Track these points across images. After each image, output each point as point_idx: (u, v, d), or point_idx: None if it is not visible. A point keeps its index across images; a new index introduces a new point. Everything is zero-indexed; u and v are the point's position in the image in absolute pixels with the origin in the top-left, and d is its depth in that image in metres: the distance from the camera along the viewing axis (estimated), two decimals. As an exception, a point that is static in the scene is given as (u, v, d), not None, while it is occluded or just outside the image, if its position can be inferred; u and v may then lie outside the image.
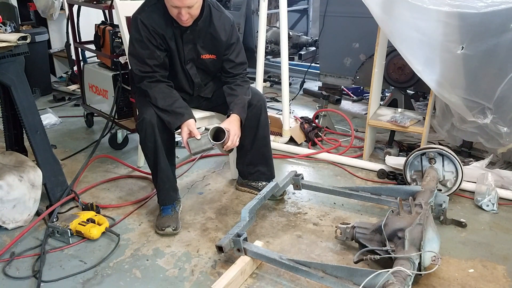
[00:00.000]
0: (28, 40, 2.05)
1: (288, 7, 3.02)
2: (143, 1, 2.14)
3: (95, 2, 3.07)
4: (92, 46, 3.24)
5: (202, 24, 2.10)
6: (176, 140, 2.47)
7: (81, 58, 3.55)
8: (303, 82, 4.45)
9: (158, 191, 2.19)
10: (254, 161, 2.41)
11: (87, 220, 2.11)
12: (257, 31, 3.39)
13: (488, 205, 2.32)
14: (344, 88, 4.46)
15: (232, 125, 2.06)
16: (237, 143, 2.10)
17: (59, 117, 3.68)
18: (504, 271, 1.87)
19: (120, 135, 3.08)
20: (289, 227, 2.20)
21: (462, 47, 2.29)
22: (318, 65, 4.26)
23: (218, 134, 2.02)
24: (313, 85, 4.70)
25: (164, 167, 2.12)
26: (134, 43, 2.07)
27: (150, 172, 2.23)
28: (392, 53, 3.12)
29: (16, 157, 2.29)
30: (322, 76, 4.20)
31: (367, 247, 1.81)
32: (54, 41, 4.74)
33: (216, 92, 2.34)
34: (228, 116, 2.11)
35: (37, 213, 2.24)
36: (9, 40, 2.00)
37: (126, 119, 3.09)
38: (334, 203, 2.41)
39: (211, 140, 1.98)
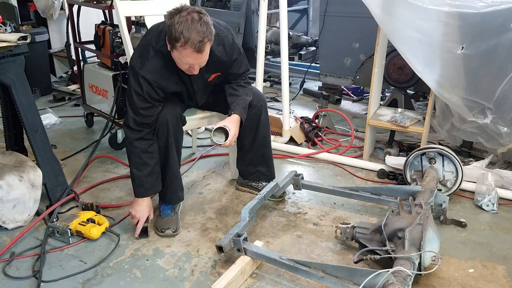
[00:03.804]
0: (28, 40, 2.05)
1: (288, 7, 3.02)
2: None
3: (95, 2, 3.07)
4: (92, 46, 3.24)
5: None
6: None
7: (81, 58, 3.55)
8: (303, 82, 4.45)
9: (166, 189, 2.17)
10: (254, 162, 2.41)
11: (87, 220, 2.11)
12: (257, 31, 3.39)
13: (488, 205, 2.32)
14: (344, 88, 4.46)
15: (232, 125, 2.06)
16: (233, 143, 2.12)
17: (59, 117, 3.68)
18: (504, 271, 1.87)
19: (120, 135, 3.08)
20: (289, 227, 2.20)
21: (462, 47, 2.29)
22: (318, 65, 4.26)
23: (219, 130, 2.06)
24: (313, 85, 4.70)
25: (174, 165, 2.11)
26: (133, 95, 1.98)
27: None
28: (392, 53, 3.12)
29: (16, 157, 2.29)
30: (322, 76, 4.20)
31: (367, 247, 1.81)
32: (54, 41, 4.73)
33: (216, 96, 2.33)
34: (229, 115, 2.11)
35: (37, 213, 2.24)
36: (9, 40, 2.00)
37: (126, 119, 3.09)
38: (334, 203, 2.41)
39: (213, 138, 2.02)
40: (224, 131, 2.05)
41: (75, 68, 3.82)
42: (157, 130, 2.05)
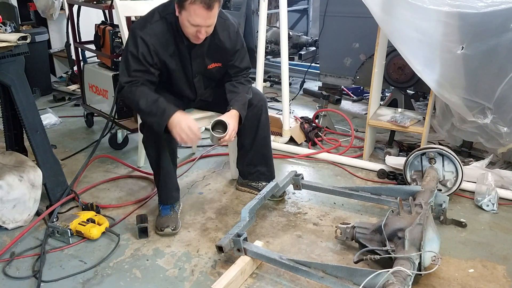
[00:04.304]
0: (28, 40, 2.05)
1: (288, 7, 3.02)
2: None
3: (95, 2, 3.07)
4: (92, 46, 3.24)
5: (209, 36, 2.05)
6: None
7: (81, 58, 3.55)
8: (303, 82, 4.45)
9: (160, 190, 2.19)
10: (254, 161, 2.41)
11: (87, 220, 2.11)
12: (257, 31, 3.39)
13: (488, 205, 2.32)
14: (344, 88, 4.46)
15: (231, 119, 2.06)
16: (233, 139, 2.10)
17: (59, 117, 3.68)
18: (504, 271, 1.87)
19: (120, 135, 3.08)
20: (289, 227, 2.20)
21: (462, 47, 2.29)
22: (318, 65, 4.26)
23: (218, 126, 2.04)
24: (313, 85, 4.70)
25: (167, 166, 2.11)
26: (128, 56, 1.98)
27: (150, 172, 2.23)
28: (392, 53, 3.12)
29: (16, 157, 2.29)
30: (322, 76, 4.20)
31: (367, 247, 1.81)
32: (54, 41, 4.74)
33: (216, 93, 2.33)
34: (228, 111, 2.11)
35: (37, 213, 2.24)
36: (9, 40, 2.00)
37: (126, 119, 3.09)
38: (334, 203, 2.41)
39: (211, 131, 2.00)
40: (223, 127, 2.03)
41: (75, 68, 3.83)
42: (147, 131, 2.05)
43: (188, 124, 1.90)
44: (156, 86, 2.07)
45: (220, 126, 2.04)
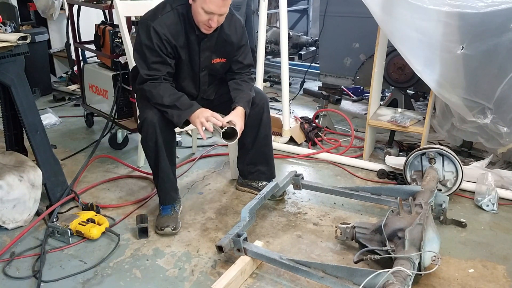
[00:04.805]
0: (28, 40, 2.05)
1: (288, 7, 3.02)
2: (152, 2, 2.12)
3: (95, 2, 3.07)
4: (92, 46, 3.24)
5: (217, 29, 2.09)
6: (177, 140, 2.47)
7: (81, 58, 3.56)
8: (303, 82, 4.45)
9: (159, 190, 2.19)
10: (254, 161, 2.41)
11: (87, 220, 2.11)
12: (257, 31, 3.39)
13: (488, 205, 2.32)
14: (344, 88, 4.46)
15: (238, 118, 2.06)
16: (239, 135, 2.12)
17: (59, 117, 3.68)
18: (504, 271, 1.87)
19: (120, 135, 3.08)
20: (289, 227, 2.20)
21: (462, 47, 2.29)
22: (318, 65, 4.26)
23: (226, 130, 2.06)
24: (313, 85, 4.70)
25: (165, 166, 2.12)
26: (144, 49, 2.02)
27: (150, 172, 2.23)
28: (392, 53, 3.12)
29: (16, 157, 2.29)
30: (322, 76, 4.20)
31: (367, 247, 1.81)
32: (54, 41, 4.74)
33: (218, 92, 2.34)
34: (233, 109, 2.11)
35: (37, 213, 2.24)
36: (9, 40, 2.00)
37: (126, 119, 3.09)
38: (334, 203, 2.41)
39: (222, 138, 2.04)
40: (231, 129, 2.04)
41: (75, 68, 3.82)
42: (145, 132, 2.05)
43: (212, 113, 2.03)
44: (173, 78, 2.11)
45: (231, 129, 2.04)
